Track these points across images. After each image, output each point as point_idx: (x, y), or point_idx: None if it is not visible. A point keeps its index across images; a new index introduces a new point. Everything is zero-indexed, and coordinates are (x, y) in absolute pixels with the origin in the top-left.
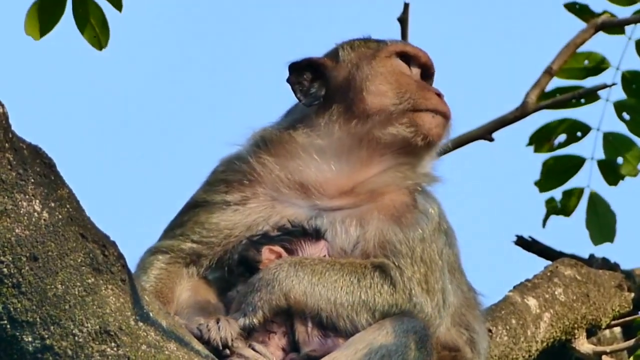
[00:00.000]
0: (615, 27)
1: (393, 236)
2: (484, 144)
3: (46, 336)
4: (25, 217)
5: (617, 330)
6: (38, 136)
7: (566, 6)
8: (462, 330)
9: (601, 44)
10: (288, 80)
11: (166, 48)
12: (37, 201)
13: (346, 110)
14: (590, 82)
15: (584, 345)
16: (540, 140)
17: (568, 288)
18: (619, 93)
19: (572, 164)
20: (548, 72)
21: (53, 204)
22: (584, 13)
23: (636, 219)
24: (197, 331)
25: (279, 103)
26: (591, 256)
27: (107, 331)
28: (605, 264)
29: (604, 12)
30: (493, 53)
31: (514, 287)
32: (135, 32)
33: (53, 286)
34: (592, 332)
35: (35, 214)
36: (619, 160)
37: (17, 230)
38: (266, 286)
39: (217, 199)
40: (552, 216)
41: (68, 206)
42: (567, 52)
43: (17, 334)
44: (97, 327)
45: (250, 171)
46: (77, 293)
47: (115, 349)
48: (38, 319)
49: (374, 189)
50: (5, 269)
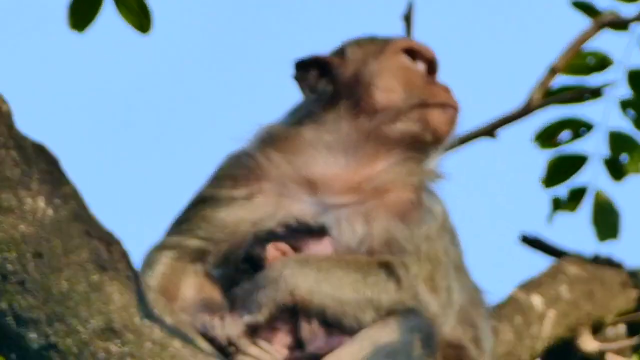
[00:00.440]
0: (619, 25)
1: (399, 233)
2: (488, 142)
3: (50, 333)
4: (29, 214)
5: (622, 328)
6: (42, 133)
7: (573, 3)
8: (467, 328)
9: (605, 41)
10: (294, 77)
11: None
12: (42, 198)
13: (354, 106)
14: (594, 80)
15: (589, 343)
16: (544, 137)
17: (573, 286)
18: (624, 90)
19: (577, 161)
20: (552, 70)
21: (58, 201)
22: (589, 11)
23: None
24: (202, 328)
25: (285, 100)
26: (596, 254)
27: (112, 328)
28: (610, 262)
29: (609, 10)
30: (497, 51)
31: (519, 285)
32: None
33: (57, 283)
34: (597, 330)
35: (39, 211)
36: (624, 157)
37: (22, 226)
38: (272, 283)
39: (223, 194)
40: (557, 214)
41: (73, 203)
42: (572, 50)
43: (22, 331)
44: (102, 324)
45: (256, 166)
46: (82, 290)
47: (119, 346)
48: (43, 316)
49: (381, 186)
50: (9, 266)
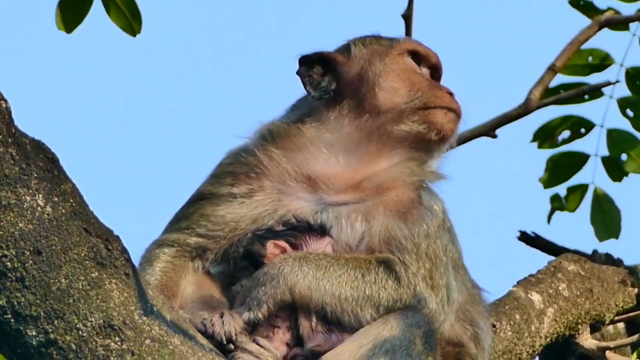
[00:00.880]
0: (619, 24)
1: (398, 232)
2: (487, 141)
3: (50, 330)
4: (28, 212)
5: (621, 325)
6: (40, 131)
7: (571, 3)
8: (467, 325)
9: (604, 41)
10: (298, 72)
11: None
12: (41, 195)
13: (357, 105)
14: (594, 79)
15: (588, 340)
16: (544, 136)
17: (572, 283)
18: (623, 90)
19: (576, 161)
20: (552, 69)
21: (56, 199)
22: (589, 10)
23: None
24: (201, 326)
25: (286, 97)
26: (595, 252)
27: (111, 325)
28: (608, 260)
29: (608, 9)
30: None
31: (518, 283)
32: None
33: (57, 280)
34: (596, 328)
35: (38, 208)
36: (623, 156)
37: (21, 224)
38: (271, 280)
39: (224, 192)
40: (556, 212)
41: (71, 200)
42: (571, 49)
43: (21, 328)
44: (101, 322)
45: (257, 164)
46: (81, 287)
47: (119, 344)
48: (42, 313)
49: (381, 184)
50: (8, 263)
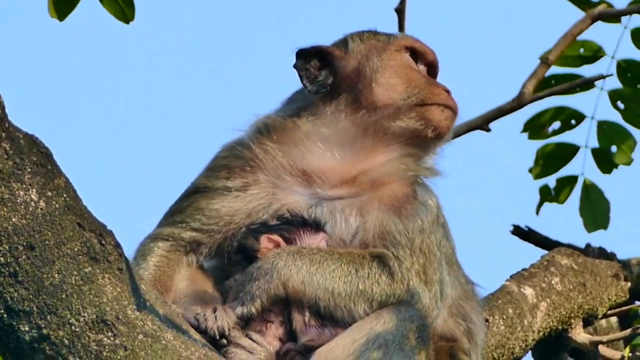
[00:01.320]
0: (612, 17)
1: (393, 227)
2: (481, 134)
3: (43, 325)
4: (22, 206)
5: (614, 320)
6: (33, 124)
7: None
8: (460, 321)
9: (596, 33)
10: (295, 66)
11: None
12: (34, 190)
13: (354, 100)
14: (585, 71)
15: (581, 334)
16: (534, 127)
17: (565, 277)
18: (614, 82)
19: (566, 152)
20: (545, 63)
21: (50, 193)
22: (582, 2)
23: (631, 208)
24: (194, 320)
25: (282, 90)
26: (587, 246)
27: (104, 320)
28: (601, 254)
29: (601, 2)
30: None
31: (511, 277)
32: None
33: (50, 275)
34: (589, 322)
35: (32, 203)
36: (613, 148)
37: (14, 219)
38: (264, 275)
39: (218, 185)
40: (548, 206)
41: (65, 195)
42: (564, 43)
43: (14, 323)
44: (94, 317)
45: (252, 157)
46: (74, 282)
47: (112, 339)
48: (35, 308)
49: (376, 179)
50: (2, 258)
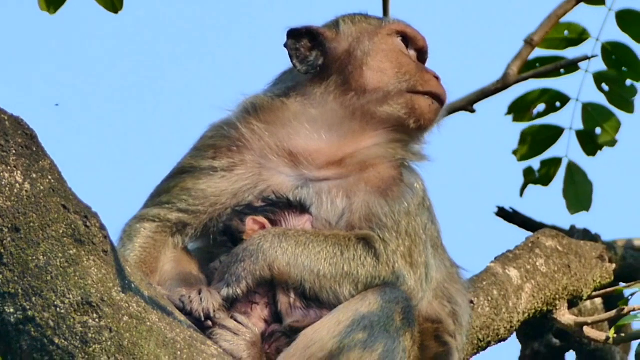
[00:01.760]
0: None
1: (379, 209)
2: (466, 116)
3: (28, 307)
4: (7, 189)
5: (598, 301)
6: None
7: None
8: (445, 303)
9: (581, 15)
10: (285, 45)
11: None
12: (19, 172)
13: (343, 82)
14: (570, 53)
15: (565, 316)
16: (519, 109)
17: (549, 259)
18: (599, 64)
19: (551, 134)
20: (529, 44)
21: (35, 175)
22: None
23: (615, 190)
24: (180, 302)
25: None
26: (572, 227)
27: (89, 302)
28: (586, 235)
29: None
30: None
31: (496, 258)
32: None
33: (35, 257)
34: (574, 303)
35: (17, 185)
36: (598, 130)
37: None
38: (250, 257)
39: (205, 165)
40: (533, 188)
41: (50, 177)
42: (549, 24)
43: None
44: (79, 299)
45: (239, 137)
46: (59, 264)
47: (97, 320)
48: (20, 290)
49: (363, 161)
50: None
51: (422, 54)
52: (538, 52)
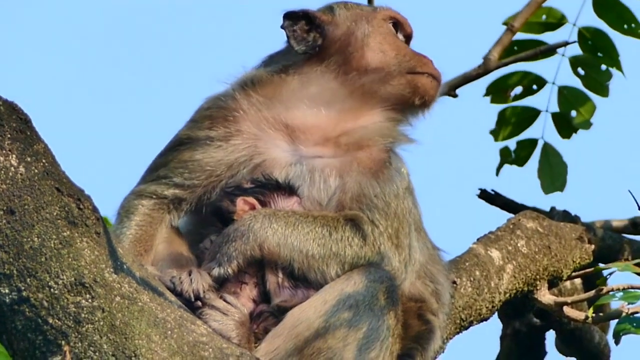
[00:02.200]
0: None
1: (371, 190)
2: (448, 100)
3: (22, 288)
4: (2, 172)
5: (578, 281)
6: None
7: None
8: (428, 282)
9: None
10: (283, 26)
11: None
12: (14, 156)
13: (344, 62)
14: (547, 37)
15: (546, 296)
16: (497, 91)
17: (530, 240)
18: (575, 49)
19: (527, 116)
20: (510, 29)
21: (29, 159)
22: None
23: (594, 172)
24: (170, 283)
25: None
26: (552, 209)
27: (82, 283)
28: (566, 217)
29: None
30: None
31: (478, 240)
32: None
33: (29, 239)
34: (554, 284)
35: (12, 169)
36: (573, 113)
37: None
38: (241, 237)
39: (201, 135)
40: (513, 170)
41: (44, 161)
42: (529, 10)
43: None
44: (72, 279)
45: (235, 108)
46: (53, 246)
47: (89, 301)
48: (15, 271)
49: (356, 142)
50: None
51: (408, 40)
52: (517, 36)
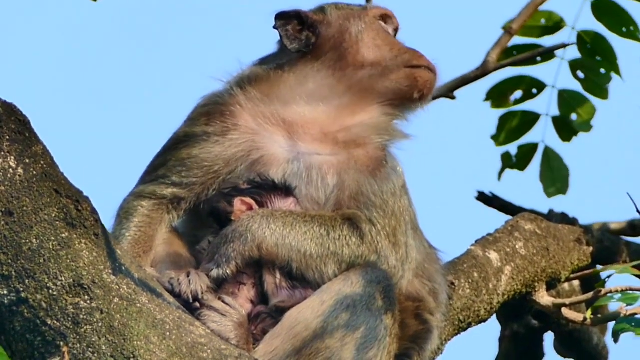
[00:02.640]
0: None
1: (369, 188)
2: (446, 102)
3: (21, 289)
4: (0, 173)
5: (576, 283)
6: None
7: None
8: (425, 281)
9: (558, 3)
10: (275, 26)
11: None
12: (12, 158)
13: (339, 59)
14: (546, 41)
15: (544, 298)
16: (497, 96)
17: (528, 242)
18: (574, 52)
19: (528, 120)
20: (508, 32)
21: (28, 160)
22: None
23: (592, 175)
24: (169, 285)
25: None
26: (551, 211)
27: (81, 284)
28: (564, 219)
29: None
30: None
31: (476, 241)
32: None
33: (28, 240)
34: (552, 285)
35: (10, 170)
36: (573, 117)
37: None
38: (239, 237)
39: (198, 131)
40: (511, 173)
41: (42, 162)
42: (528, 12)
43: None
44: (71, 281)
45: (233, 103)
46: (52, 247)
47: (88, 302)
48: (13, 273)
49: (354, 139)
50: None
51: (396, 33)
52: (515, 40)
